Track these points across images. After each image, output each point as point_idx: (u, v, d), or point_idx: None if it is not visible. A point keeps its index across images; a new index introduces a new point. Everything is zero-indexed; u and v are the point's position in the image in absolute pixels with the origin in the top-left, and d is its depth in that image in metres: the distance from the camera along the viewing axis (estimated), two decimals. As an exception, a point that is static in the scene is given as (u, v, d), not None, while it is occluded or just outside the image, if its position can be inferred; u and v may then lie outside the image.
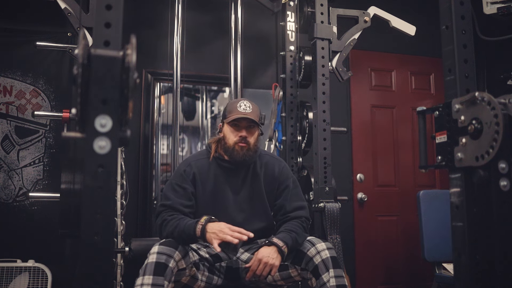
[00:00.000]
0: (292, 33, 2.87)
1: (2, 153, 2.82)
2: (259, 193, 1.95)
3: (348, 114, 3.54)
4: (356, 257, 3.38)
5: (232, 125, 1.90)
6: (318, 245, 1.75)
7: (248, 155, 1.89)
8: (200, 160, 1.97)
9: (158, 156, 3.33)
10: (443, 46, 1.11)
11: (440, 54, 1.12)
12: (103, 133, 0.81)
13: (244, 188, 1.95)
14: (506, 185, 0.91)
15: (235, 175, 1.95)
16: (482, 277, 0.95)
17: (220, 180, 1.93)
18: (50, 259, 2.65)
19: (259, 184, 1.95)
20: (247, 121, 1.89)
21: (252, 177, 1.96)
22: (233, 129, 1.90)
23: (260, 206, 1.95)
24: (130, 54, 0.82)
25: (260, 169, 1.98)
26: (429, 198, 2.87)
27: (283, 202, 1.94)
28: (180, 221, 1.75)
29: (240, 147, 1.88)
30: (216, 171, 1.94)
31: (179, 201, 1.83)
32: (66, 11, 2.03)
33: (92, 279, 0.80)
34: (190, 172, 1.91)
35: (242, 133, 1.88)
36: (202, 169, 1.93)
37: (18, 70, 2.90)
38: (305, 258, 1.75)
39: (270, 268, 1.70)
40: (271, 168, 2.00)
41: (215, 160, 1.95)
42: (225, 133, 1.93)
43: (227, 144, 1.91)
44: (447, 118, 1.03)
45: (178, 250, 1.65)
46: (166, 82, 3.21)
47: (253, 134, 1.91)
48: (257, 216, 1.93)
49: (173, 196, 1.85)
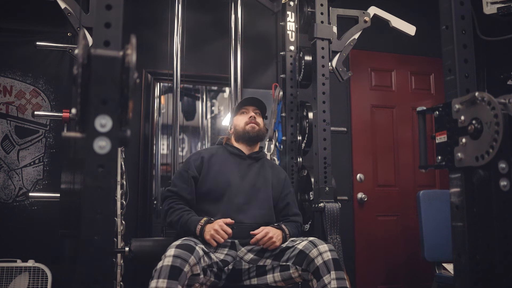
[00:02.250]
0: (292, 33, 2.87)
1: (2, 153, 2.82)
2: (265, 183, 2.06)
3: (348, 114, 3.54)
4: (356, 257, 3.38)
5: (241, 113, 2.14)
6: (320, 247, 1.75)
7: (260, 132, 2.10)
8: (211, 148, 2.16)
9: (158, 156, 3.33)
10: (443, 46, 1.11)
11: (440, 54, 1.12)
12: (103, 133, 0.81)
13: (250, 175, 2.05)
14: (506, 185, 0.91)
15: (244, 163, 2.08)
16: (482, 277, 0.95)
17: (229, 165, 2.05)
18: (50, 259, 2.64)
19: (267, 176, 2.09)
20: (254, 104, 2.13)
21: (260, 168, 2.10)
22: (242, 116, 2.13)
23: (262, 194, 2.02)
24: (130, 54, 0.82)
25: (270, 168, 2.15)
26: (429, 198, 2.87)
27: (288, 204, 2.11)
28: (184, 214, 1.88)
29: (251, 126, 2.08)
30: (226, 157, 2.08)
31: (184, 187, 1.97)
32: (66, 11, 2.03)
33: (92, 279, 0.80)
34: (198, 157, 2.06)
35: (250, 113, 2.10)
36: (212, 155, 2.08)
37: (18, 70, 2.90)
38: (307, 259, 1.75)
39: (272, 243, 1.84)
40: (278, 171, 2.19)
41: (226, 147, 2.13)
42: (235, 123, 2.14)
43: (238, 129, 2.11)
44: (447, 118, 1.03)
45: (193, 254, 1.63)
46: (166, 82, 3.21)
47: (260, 118, 2.14)
48: (258, 202, 2.00)
49: (179, 183, 1.99)
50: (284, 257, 1.81)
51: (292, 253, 1.79)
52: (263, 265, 1.84)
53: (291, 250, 1.81)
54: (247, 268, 1.86)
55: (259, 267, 1.85)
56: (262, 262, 1.84)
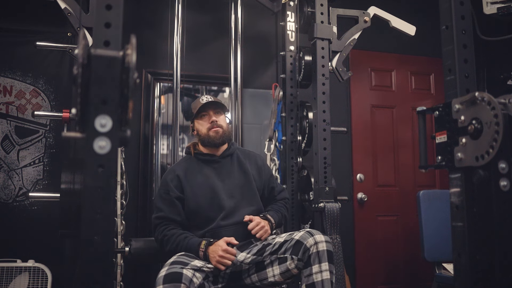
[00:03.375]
0: (292, 33, 2.87)
1: (2, 153, 2.82)
2: (248, 180, 2.05)
3: (348, 114, 3.54)
4: (356, 257, 3.38)
5: (200, 117, 2.04)
6: (316, 236, 1.76)
7: (224, 135, 2.03)
8: (183, 162, 2.09)
9: (158, 156, 3.33)
10: (443, 46, 1.11)
11: (440, 54, 1.12)
12: (103, 133, 0.81)
13: (231, 176, 2.03)
14: (506, 185, 0.91)
15: (220, 166, 2.04)
16: (482, 277, 0.95)
17: (206, 173, 2.01)
18: (50, 259, 2.64)
19: (247, 172, 2.06)
20: (213, 106, 2.03)
21: (238, 165, 2.07)
22: (203, 120, 2.03)
23: (249, 191, 2.03)
24: (130, 54, 0.82)
25: (245, 159, 2.11)
26: (429, 198, 2.87)
27: (272, 185, 2.16)
28: (180, 240, 1.86)
29: (214, 131, 2.01)
30: (200, 166, 2.03)
31: (171, 210, 1.94)
32: (66, 11, 2.03)
33: (92, 279, 0.80)
34: (174, 177, 2.00)
35: (212, 117, 2.02)
36: (186, 169, 2.03)
37: (18, 70, 2.90)
38: (303, 248, 1.75)
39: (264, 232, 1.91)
40: (254, 159, 2.15)
41: (197, 157, 2.07)
42: (197, 128, 2.05)
43: (202, 135, 2.03)
44: (447, 118, 1.03)
45: (182, 282, 1.60)
46: (166, 82, 3.21)
47: (221, 117, 2.05)
48: (247, 201, 2.00)
49: (164, 207, 1.95)
50: (281, 249, 1.81)
51: (289, 244, 1.79)
52: (262, 260, 1.84)
53: (288, 241, 1.80)
54: (247, 268, 1.86)
55: (258, 263, 1.85)
56: (261, 258, 1.84)
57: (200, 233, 1.92)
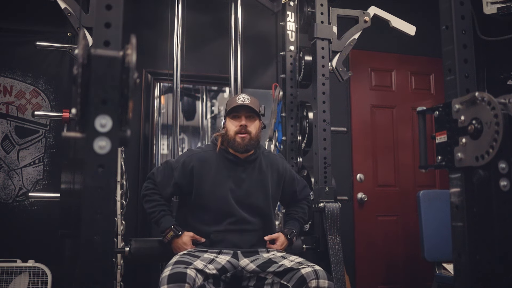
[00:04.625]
0: (292, 33, 2.87)
1: (2, 153, 2.82)
2: (264, 191, 2.02)
3: (348, 114, 3.54)
4: (356, 257, 3.38)
5: (232, 117, 1.98)
6: (321, 281, 1.73)
7: (250, 144, 1.97)
8: (205, 152, 2.05)
9: (158, 156, 3.33)
10: (443, 46, 1.11)
11: (440, 54, 1.12)
12: (103, 133, 0.81)
13: (248, 183, 2.00)
14: (506, 185, 0.91)
15: (240, 170, 2.01)
16: (482, 277, 0.95)
17: (223, 172, 1.98)
18: (50, 259, 2.64)
19: (265, 177, 2.03)
20: (246, 110, 1.97)
21: (258, 173, 2.03)
22: (234, 121, 1.98)
23: (261, 202, 2.00)
24: (130, 54, 0.82)
25: (267, 168, 2.06)
26: (429, 198, 2.87)
27: (294, 189, 2.15)
28: (157, 210, 1.97)
29: (241, 138, 1.95)
30: (220, 163, 2.00)
31: (164, 183, 2.00)
32: (66, 11, 2.03)
33: (92, 279, 0.80)
34: (188, 164, 1.99)
35: (242, 121, 1.95)
36: (204, 161, 2.00)
37: (18, 70, 2.90)
38: (305, 286, 1.72)
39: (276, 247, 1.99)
40: (276, 166, 2.10)
41: (221, 153, 2.02)
42: (227, 126, 2.00)
43: (229, 136, 1.98)
44: (447, 118, 1.03)
45: (186, 282, 1.60)
46: (166, 82, 3.21)
47: (253, 123, 1.98)
48: (257, 209, 1.99)
49: (161, 178, 2.01)
50: (286, 277, 1.79)
51: (294, 276, 1.76)
52: (264, 277, 1.83)
53: (294, 271, 1.78)
54: (247, 276, 1.86)
55: (259, 278, 1.84)
56: (263, 275, 1.84)
57: (205, 232, 1.93)
